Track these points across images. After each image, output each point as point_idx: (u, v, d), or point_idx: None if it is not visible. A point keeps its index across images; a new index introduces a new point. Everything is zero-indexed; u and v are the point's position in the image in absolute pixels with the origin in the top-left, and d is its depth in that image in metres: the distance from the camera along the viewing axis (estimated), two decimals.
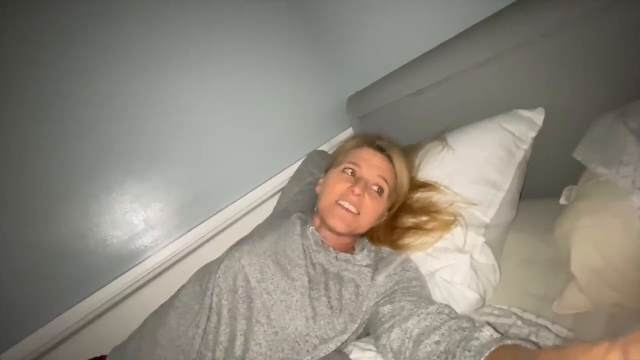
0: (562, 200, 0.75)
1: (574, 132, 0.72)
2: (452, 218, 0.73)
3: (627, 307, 0.53)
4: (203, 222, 0.99)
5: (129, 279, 0.87)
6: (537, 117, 0.81)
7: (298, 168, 1.10)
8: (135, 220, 0.91)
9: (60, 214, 0.82)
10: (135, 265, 0.89)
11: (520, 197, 0.83)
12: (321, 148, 1.21)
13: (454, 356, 0.45)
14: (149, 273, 0.90)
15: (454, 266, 0.68)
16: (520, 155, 0.81)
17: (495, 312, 0.65)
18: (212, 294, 0.64)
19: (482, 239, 0.71)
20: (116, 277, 0.86)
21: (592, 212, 0.57)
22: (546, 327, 0.58)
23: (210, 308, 0.63)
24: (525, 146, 0.81)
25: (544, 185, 0.86)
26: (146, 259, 0.90)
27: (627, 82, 0.70)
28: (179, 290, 0.71)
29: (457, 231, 0.72)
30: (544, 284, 0.67)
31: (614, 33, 0.67)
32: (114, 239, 0.88)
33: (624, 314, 0.53)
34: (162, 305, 0.71)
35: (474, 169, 0.80)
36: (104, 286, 0.85)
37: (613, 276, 0.53)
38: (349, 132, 1.32)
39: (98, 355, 0.70)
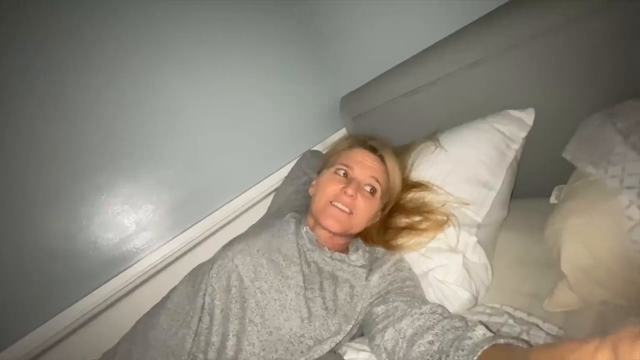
0: (552, 200, 0.76)
1: (563, 132, 0.73)
2: (445, 218, 0.73)
3: (616, 305, 0.54)
4: (196, 223, 0.98)
5: (120, 282, 0.86)
6: (528, 117, 0.82)
7: (292, 168, 1.10)
8: (126, 222, 0.89)
9: (50, 215, 0.80)
10: (127, 268, 0.88)
11: (511, 196, 0.84)
12: (315, 148, 1.21)
13: (447, 355, 0.45)
14: (141, 276, 0.89)
15: (446, 266, 0.69)
16: (511, 155, 0.82)
17: (488, 311, 0.66)
18: (204, 294, 0.63)
19: (474, 239, 0.72)
20: (107, 280, 0.85)
21: (581, 212, 0.58)
22: (537, 326, 0.59)
23: (203, 308, 0.62)
24: (516, 146, 0.82)
25: (535, 185, 0.87)
26: (138, 261, 0.89)
27: (616, 83, 0.72)
28: (171, 292, 0.70)
29: (449, 231, 0.72)
30: (535, 283, 0.68)
31: (603, 35, 0.68)
32: (105, 242, 0.86)
33: (613, 311, 0.54)
34: (153, 307, 0.70)
35: (466, 168, 0.80)
36: (94, 289, 0.83)
37: (602, 274, 0.54)
38: (343, 132, 1.32)
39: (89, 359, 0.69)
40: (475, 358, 0.41)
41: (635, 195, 0.52)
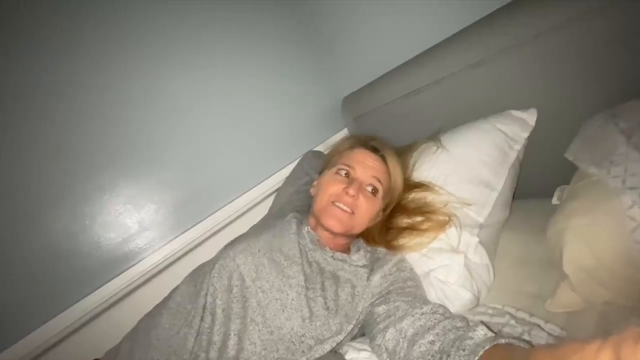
0: (555, 200, 0.76)
1: (565, 133, 0.73)
2: (447, 218, 0.73)
3: (618, 305, 0.54)
4: (198, 223, 0.99)
5: (122, 281, 0.86)
6: (530, 117, 0.82)
7: (294, 168, 1.10)
8: (129, 222, 0.90)
9: (53, 215, 0.81)
10: (129, 267, 0.88)
11: (513, 197, 0.84)
12: (317, 149, 1.21)
13: (449, 355, 0.45)
14: (143, 275, 0.89)
15: (448, 266, 0.69)
16: (513, 155, 0.81)
17: (489, 311, 0.66)
18: (206, 293, 0.63)
19: (476, 239, 0.72)
20: (109, 280, 0.85)
21: (583, 212, 0.58)
22: (539, 326, 0.58)
23: (204, 308, 0.62)
24: (518, 146, 0.82)
25: (537, 185, 0.87)
26: (140, 261, 0.89)
27: (618, 83, 0.71)
28: (173, 291, 0.70)
29: (451, 231, 0.72)
30: (537, 283, 0.68)
31: (606, 34, 0.68)
32: (108, 241, 0.87)
33: (615, 312, 0.54)
34: (155, 307, 0.70)
35: (467, 169, 0.80)
36: (97, 289, 0.84)
37: (604, 275, 0.54)
38: (344, 132, 1.32)
39: (91, 359, 0.69)
40: (476, 358, 0.41)
41: (637, 195, 0.52)
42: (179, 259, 0.96)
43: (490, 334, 0.46)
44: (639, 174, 0.53)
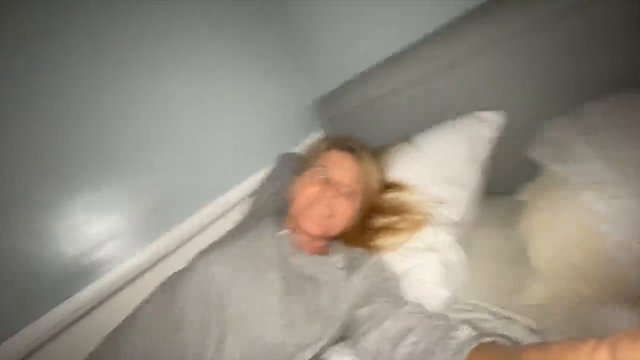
0: (522, 197, 0.79)
1: (533, 132, 0.76)
2: (422, 217, 0.74)
3: (584, 297, 0.57)
4: (167, 231, 0.94)
5: (85, 295, 0.80)
6: (498, 118, 0.86)
7: (270, 171, 1.08)
8: (95, 230, 0.83)
9: (7, 222, 0.74)
10: (95, 279, 0.82)
11: (484, 194, 0.86)
12: (292, 151, 1.20)
13: (434, 354, 0.45)
14: (108, 288, 0.83)
15: (424, 265, 0.70)
16: (482, 154, 0.85)
17: (468, 307, 0.68)
18: (181, 304, 0.60)
19: (451, 237, 0.73)
20: (71, 295, 0.79)
21: (548, 208, 0.61)
22: (515, 320, 0.60)
23: (180, 320, 0.59)
24: (487, 146, 0.85)
25: (506, 183, 0.90)
26: (108, 271, 0.83)
27: (581, 84, 0.76)
28: (141, 305, 0.66)
29: (427, 230, 0.74)
30: (509, 278, 0.70)
31: (570, 38, 0.72)
32: (69, 252, 0.80)
33: (585, 302, 0.56)
34: (123, 322, 0.66)
35: (440, 168, 0.82)
36: (56, 306, 0.77)
37: (571, 267, 0.57)
38: (321, 133, 1.32)
39: None
40: (462, 358, 0.42)
41: (598, 190, 0.55)
42: (148, 268, 0.90)
43: (473, 332, 0.47)
44: (599, 171, 0.57)
